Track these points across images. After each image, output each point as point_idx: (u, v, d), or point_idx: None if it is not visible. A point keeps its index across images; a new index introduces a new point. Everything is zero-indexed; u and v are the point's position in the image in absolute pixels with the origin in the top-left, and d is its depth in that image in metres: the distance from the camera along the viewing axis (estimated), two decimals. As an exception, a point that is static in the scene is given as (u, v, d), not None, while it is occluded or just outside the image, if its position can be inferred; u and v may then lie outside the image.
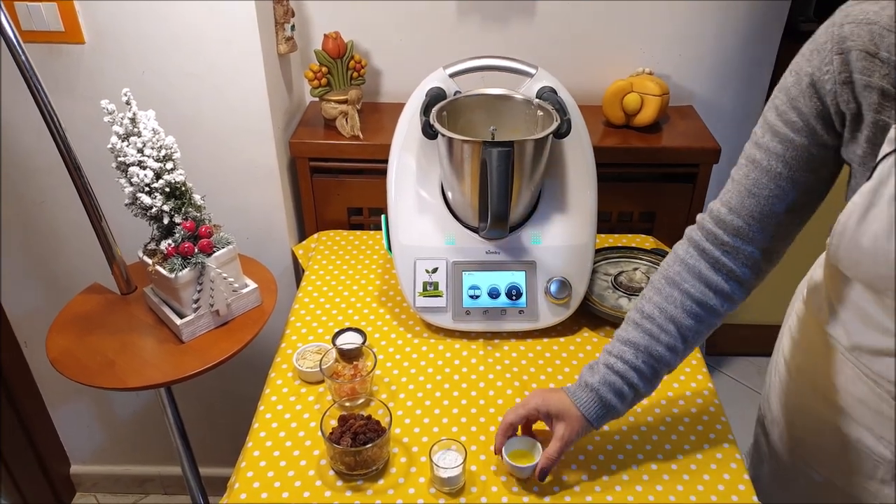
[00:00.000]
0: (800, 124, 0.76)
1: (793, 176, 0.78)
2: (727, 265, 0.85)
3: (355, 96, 1.45)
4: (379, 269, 1.37)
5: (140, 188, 1.08)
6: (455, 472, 0.91)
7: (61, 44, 1.27)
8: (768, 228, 0.82)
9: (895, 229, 0.68)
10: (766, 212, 0.81)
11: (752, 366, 2.34)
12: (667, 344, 0.88)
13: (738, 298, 0.88)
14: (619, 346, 0.90)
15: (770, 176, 0.79)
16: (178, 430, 1.33)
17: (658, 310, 0.88)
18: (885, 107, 0.68)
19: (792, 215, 0.82)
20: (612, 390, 0.89)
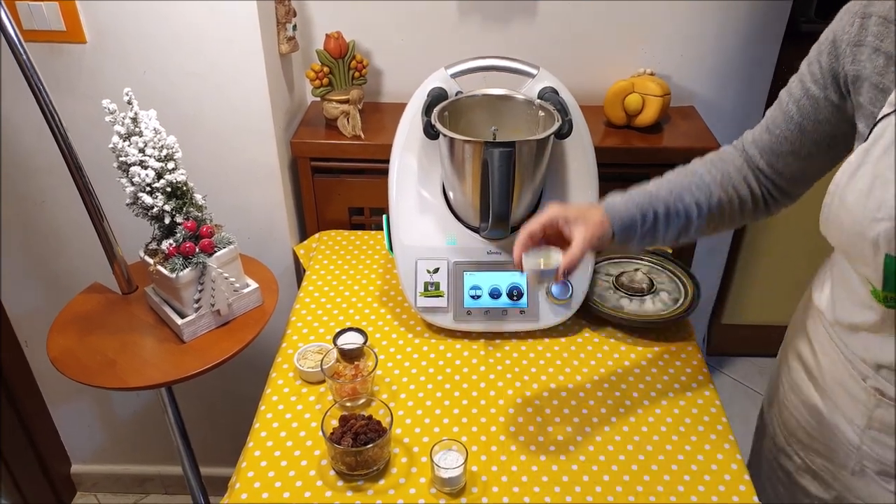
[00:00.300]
0: (818, 76, 0.81)
1: (802, 122, 0.85)
2: (749, 177, 0.93)
3: (357, 96, 1.45)
4: (380, 269, 1.37)
5: (141, 188, 1.08)
6: (456, 473, 0.91)
7: (63, 43, 1.27)
8: (776, 165, 0.90)
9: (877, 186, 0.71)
10: (775, 149, 0.89)
11: (753, 366, 2.34)
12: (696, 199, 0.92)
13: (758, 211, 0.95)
14: (656, 184, 0.95)
15: (784, 117, 0.86)
16: (178, 430, 1.33)
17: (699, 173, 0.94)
18: (889, 71, 0.72)
19: (798, 161, 0.88)
20: (640, 209, 0.91)
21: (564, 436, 1.01)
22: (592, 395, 1.08)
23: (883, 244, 0.72)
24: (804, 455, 1.00)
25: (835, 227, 0.78)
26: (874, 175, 0.72)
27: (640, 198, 0.92)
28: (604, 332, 1.21)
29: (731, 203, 0.93)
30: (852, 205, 0.74)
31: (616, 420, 1.04)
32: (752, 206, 0.94)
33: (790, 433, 1.02)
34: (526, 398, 1.08)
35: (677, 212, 0.92)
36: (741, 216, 0.95)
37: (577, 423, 1.03)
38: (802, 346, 1.00)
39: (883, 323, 0.80)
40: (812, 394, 0.96)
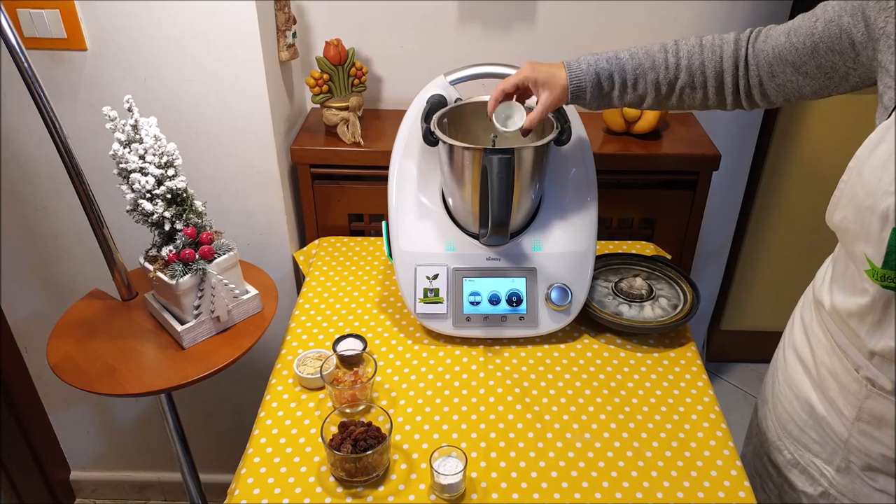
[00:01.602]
0: (856, 9, 0.82)
1: (817, 43, 0.87)
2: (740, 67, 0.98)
3: (356, 103, 1.46)
4: (379, 276, 1.37)
5: (141, 194, 1.09)
6: (455, 479, 0.91)
7: (63, 50, 1.27)
8: (778, 67, 0.94)
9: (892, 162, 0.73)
10: (782, 54, 0.92)
11: (752, 372, 2.34)
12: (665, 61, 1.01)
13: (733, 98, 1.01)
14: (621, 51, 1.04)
15: (808, 31, 0.89)
16: (178, 436, 1.33)
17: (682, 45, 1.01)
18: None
19: (795, 73, 0.92)
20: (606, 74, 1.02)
21: (564, 442, 1.01)
22: (591, 401, 1.08)
23: (892, 217, 0.73)
24: (794, 449, 1.01)
25: (847, 202, 0.80)
26: (891, 150, 0.74)
27: (604, 62, 1.03)
28: (603, 338, 1.21)
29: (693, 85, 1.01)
30: (868, 178, 0.76)
31: (615, 426, 1.04)
32: (715, 97, 1.01)
33: (782, 427, 1.03)
34: (525, 404, 1.08)
35: (640, 75, 1.02)
36: (714, 98, 1.02)
37: (576, 430, 1.03)
38: (799, 338, 1.01)
39: (875, 306, 0.81)
40: (806, 386, 0.97)
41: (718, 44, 0.99)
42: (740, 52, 0.98)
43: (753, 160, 1.79)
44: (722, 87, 1.00)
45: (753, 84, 0.98)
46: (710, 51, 0.99)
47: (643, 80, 1.02)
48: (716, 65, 0.99)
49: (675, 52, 1.01)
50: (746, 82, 0.99)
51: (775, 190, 1.95)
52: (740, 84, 0.99)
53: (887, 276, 0.77)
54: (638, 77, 1.02)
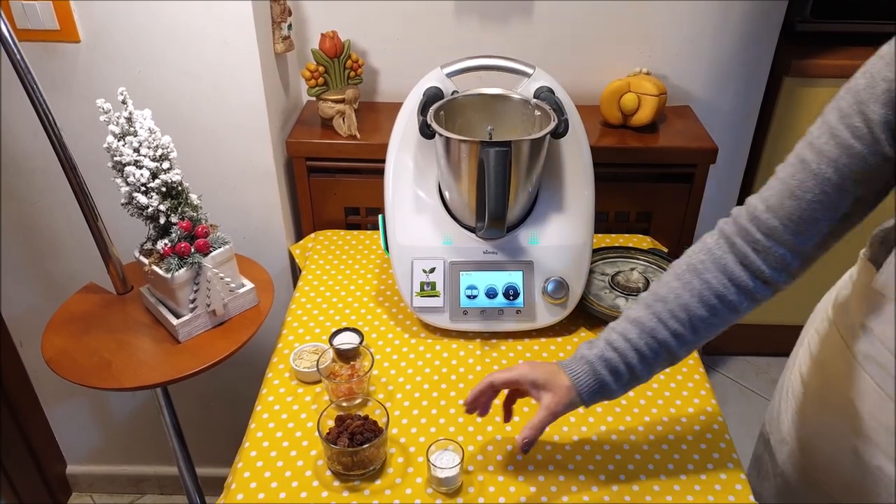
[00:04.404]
0: (863, 130, 0.70)
1: (842, 183, 0.72)
2: (755, 263, 0.80)
3: (352, 96, 1.45)
4: (376, 269, 1.37)
5: (136, 188, 1.08)
6: (452, 473, 0.91)
7: (57, 42, 1.26)
8: (804, 234, 0.77)
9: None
10: (805, 216, 0.76)
11: (749, 365, 2.35)
12: (674, 330, 0.83)
13: (761, 298, 0.82)
14: (624, 324, 0.86)
15: (818, 180, 0.73)
16: (174, 431, 1.33)
17: (673, 295, 0.83)
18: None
19: (832, 225, 0.76)
20: (608, 367, 0.85)
21: (560, 436, 1.01)
22: (588, 394, 1.08)
23: None
24: (838, 496, 0.94)
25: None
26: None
27: (609, 352, 0.85)
28: (600, 331, 1.20)
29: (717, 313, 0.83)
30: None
31: (612, 420, 1.04)
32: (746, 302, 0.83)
33: (820, 472, 0.96)
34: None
35: (657, 357, 0.84)
36: (740, 313, 0.84)
37: (572, 423, 1.03)
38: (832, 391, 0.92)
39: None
40: (849, 437, 0.89)
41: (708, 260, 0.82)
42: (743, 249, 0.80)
43: (750, 153, 1.79)
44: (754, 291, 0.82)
45: (788, 263, 0.80)
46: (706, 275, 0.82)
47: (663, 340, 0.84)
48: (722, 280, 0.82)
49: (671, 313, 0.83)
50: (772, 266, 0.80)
51: (772, 183, 1.95)
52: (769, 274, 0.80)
53: None
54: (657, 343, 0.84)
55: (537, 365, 0.90)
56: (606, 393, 0.87)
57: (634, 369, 0.85)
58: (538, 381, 0.87)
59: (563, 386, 0.86)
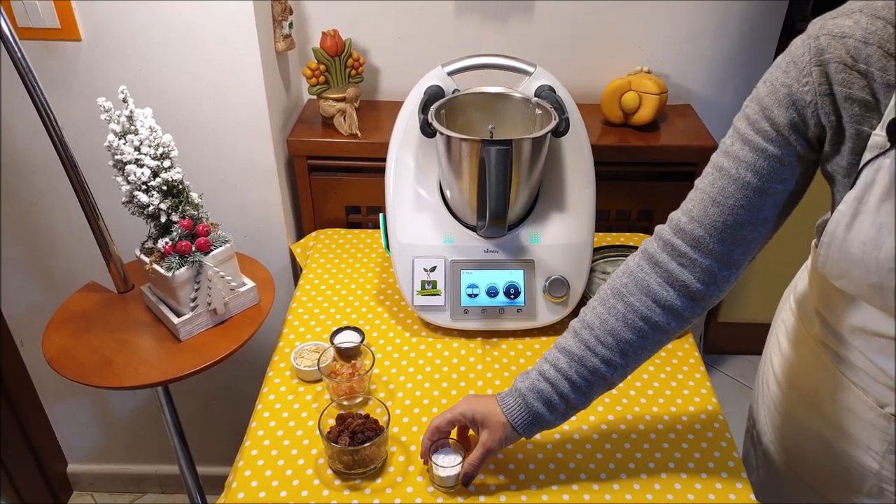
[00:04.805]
0: (773, 134, 0.74)
1: (762, 186, 0.76)
2: (680, 279, 0.81)
3: (353, 94, 1.45)
4: (377, 268, 1.37)
5: (137, 186, 1.08)
6: (454, 472, 0.91)
7: (58, 41, 1.26)
8: (730, 240, 0.79)
9: (883, 235, 0.68)
10: (729, 222, 0.78)
11: (749, 364, 2.35)
12: (603, 357, 0.84)
13: (688, 315, 0.83)
14: (555, 354, 0.87)
15: (738, 185, 0.76)
16: (175, 429, 1.33)
17: (599, 321, 0.84)
18: (867, 117, 0.69)
19: (756, 228, 0.79)
20: (541, 398, 0.86)
21: (561, 434, 1.01)
22: (589, 393, 1.08)
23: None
24: (812, 482, 0.96)
25: (840, 275, 0.75)
26: (878, 224, 0.68)
27: (541, 383, 0.86)
28: (601, 330, 1.21)
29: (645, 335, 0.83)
30: (859, 256, 0.70)
31: (613, 418, 1.04)
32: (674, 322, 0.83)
33: (795, 461, 0.99)
34: (523, 396, 1.07)
35: (591, 385, 0.86)
36: (669, 333, 0.85)
37: (573, 422, 1.03)
38: (798, 377, 0.96)
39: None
40: (815, 423, 0.92)
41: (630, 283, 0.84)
42: (668, 266, 0.82)
43: (751, 152, 1.79)
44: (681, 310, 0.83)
45: (716, 273, 0.81)
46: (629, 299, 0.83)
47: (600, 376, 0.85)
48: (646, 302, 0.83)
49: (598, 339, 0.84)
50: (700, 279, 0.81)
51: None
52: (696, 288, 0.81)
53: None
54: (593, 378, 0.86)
55: (477, 400, 0.92)
56: (542, 424, 0.89)
57: (568, 399, 0.86)
58: (476, 419, 0.90)
59: (499, 422, 0.88)
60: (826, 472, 0.93)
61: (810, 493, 0.97)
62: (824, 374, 0.90)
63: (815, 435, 0.93)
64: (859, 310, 0.81)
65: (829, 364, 0.89)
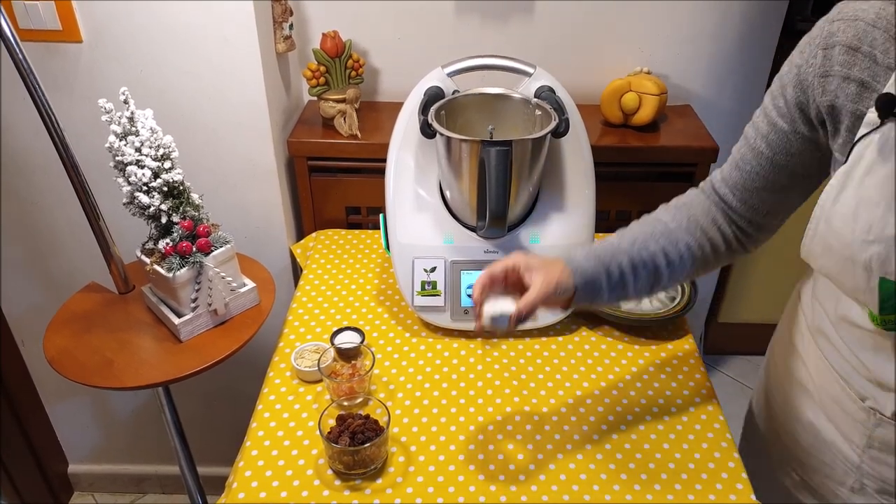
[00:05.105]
0: (784, 110, 0.79)
1: (773, 157, 0.82)
2: (719, 219, 0.89)
3: (353, 95, 1.45)
4: (377, 269, 1.37)
5: (138, 187, 1.08)
6: (507, 310, 0.83)
7: (59, 42, 1.27)
8: (749, 201, 0.87)
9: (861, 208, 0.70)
10: (748, 186, 0.86)
11: (749, 364, 2.35)
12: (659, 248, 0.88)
13: (722, 251, 0.91)
14: (610, 239, 0.90)
15: (754, 153, 0.84)
16: (175, 430, 1.33)
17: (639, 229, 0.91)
18: (864, 97, 0.71)
19: (773, 195, 0.85)
20: (602, 263, 0.87)
21: (562, 434, 1.02)
22: (589, 393, 1.08)
23: (876, 267, 0.70)
24: (802, 472, 0.98)
25: (822, 251, 0.77)
26: (858, 197, 0.70)
27: (602, 252, 0.88)
28: (601, 330, 1.21)
29: (701, 248, 0.89)
30: (840, 228, 0.72)
31: (613, 419, 1.04)
32: (724, 248, 0.90)
33: (787, 449, 1.00)
34: (523, 397, 1.08)
35: (643, 262, 0.87)
36: (715, 259, 0.91)
37: (574, 422, 1.04)
38: (796, 363, 0.97)
39: (877, 341, 0.79)
40: (808, 410, 0.94)
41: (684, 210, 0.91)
42: (715, 213, 0.90)
43: (751, 152, 1.79)
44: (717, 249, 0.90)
45: (741, 230, 0.90)
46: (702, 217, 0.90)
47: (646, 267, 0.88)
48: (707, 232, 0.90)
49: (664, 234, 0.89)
50: (732, 235, 0.90)
51: (773, 182, 1.95)
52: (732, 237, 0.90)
53: (886, 320, 0.74)
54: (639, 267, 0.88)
55: (531, 253, 0.91)
56: (597, 287, 0.87)
57: (624, 272, 0.87)
58: (532, 265, 0.86)
59: (558, 268, 0.85)
60: (814, 461, 0.95)
61: (796, 485, 0.99)
62: (816, 363, 0.92)
63: (806, 423, 0.95)
64: (844, 298, 0.83)
65: (819, 354, 0.91)
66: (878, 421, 0.83)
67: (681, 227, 0.89)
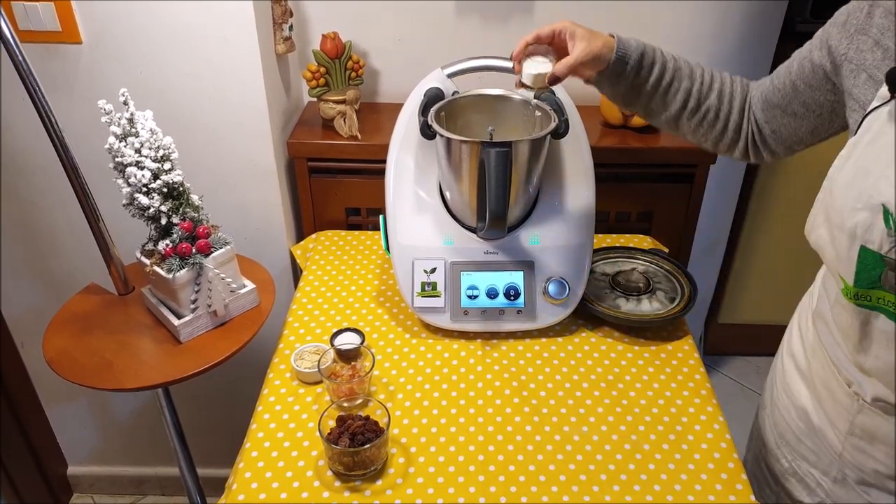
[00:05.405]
0: (824, 45, 0.83)
1: (795, 81, 0.89)
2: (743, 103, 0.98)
3: (353, 96, 1.45)
4: (377, 270, 1.37)
5: (138, 188, 1.08)
6: (544, 69, 0.94)
7: (58, 44, 1.27)
8: (766, 113, 0.95)
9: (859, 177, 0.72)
10: (769, 98, 0.94)
11: (749, 365, 2.35)
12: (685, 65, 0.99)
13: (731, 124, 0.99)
14: None
15: (786, 71, 0.91)
16: (175, 431, 1.33)
17: None
18: (884, 64, 0.73)
19: (786, 117, 0.92)
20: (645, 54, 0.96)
21: (562, 435, 1.02)
22: (589, 394, 1.08)
23: (860, 234, 0.72)
24: (791, 459, 1.00)
25: (821, 221, 0.79)
26: (857, 167, 0.73)
27: (650, 49, 0.97)
28: (601, 331, 1.21)
29: (718, 112, 0.98)
30: (837, 196, 0.75)
31: (613, 419, 1.04)
32: (732, 134, 0.99)
33: (780, 435, 1.03)
34: (523, 398, 1.08)
35: (680, 69, 0.98)
36: (721, 134, 1.00)
37: (574, 423, 1.03)
38: (797, 347, 1.00)
39: (853, 323, 0.80)
40: (803, 396, 0.97)
41: (739, 86, 0.99)
42: (745, 102, 0.98)
43: (751, 153, 1.79)
44: (740, 127, 0.99)
45: (754, 131, 0.98)
46: (739, 86, 0.99)
47: (678, 83, 0.98)
48: (741, 102, 0.98)
49: (710, 73, 0.99)
50: (748, 130, 0.99)
51: (772, 183, 1.96)
52: (752, 130, 0.99)
53: (860, 294, 0.75)
54: (675, 79, 0.98)
55: (578, 24, 0.97)
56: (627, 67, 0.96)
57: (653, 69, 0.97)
58: (578, 33, 0.94)
59: (603, 38, 0.95)
60: (803, 448, 0.97)
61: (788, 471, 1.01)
62: (813, 347, 0.94)
63: (800, 409, 0.97)
64: None
65: (817, 338, 0.93)
66: (860, 407, 0.85)
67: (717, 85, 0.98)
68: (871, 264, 0.72)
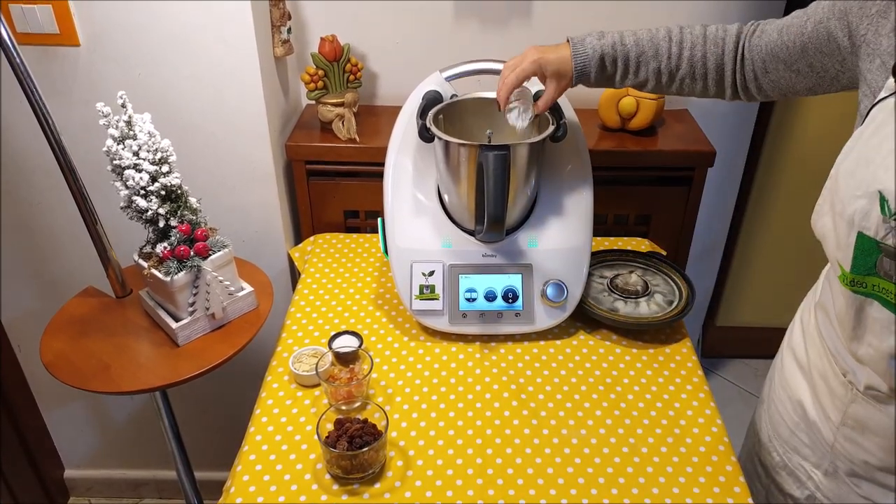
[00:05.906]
0: (842, 15, 0.82)
1: (806, 43, 0.88)
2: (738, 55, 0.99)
3: (351, 99, 1.45)
4: (375, 273, 1.37)
5: (135, 191, 1.08)
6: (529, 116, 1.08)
7: (56, 46, 1.27)
8: (767, 64, 0.95)
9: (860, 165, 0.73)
10: (774, 51, 0.93)
11: (747, 368, 2.35)
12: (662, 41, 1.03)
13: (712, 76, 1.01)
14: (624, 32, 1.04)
15: (798, 30, 0.89)
16: (173, 434, 1.33)
17: None
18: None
19: (788, 71, 0.93)
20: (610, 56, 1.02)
21: (560, 438, 1.01)
22: (587, 397, 1.08)
23: (858, 220, 0.73)
24: (783, 451, 1.01)
25: (827, 209, 0.80)
26: (860, 156, 0.74)
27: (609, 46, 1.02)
28: (599, 334, 1.21)
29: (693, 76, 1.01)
30: (841, 185, 0.76)
31: (611, 422, 1.04)
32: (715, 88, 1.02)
33: (774, 428, 1.04)
34: (521, 401, 1.08)
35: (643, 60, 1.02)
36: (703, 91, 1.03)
37: (572, 426, 1.03)
38: (797, 340, 1.01)
39: (849, 311, 0.81)
40: (800, 389, 0.97)
41: (721, 36, 1.00)
42: (738, 47, 0.98)
43: (749, 156, 1.80)
44: (722, 80, 1.01)
45: (749, 78, 0.99)
46: (712, 43, 1.00)
47: (645, 67, 1.02)
48: (717, 58, 0.99)
49: (678, 42, 1.01)
50: (743, 76, 0.99)
51: (770, 186, 1.96)
52: (737, 78, 1.00)
53: (856, 280, 0.76)
54: (640, 64, 1.02)
55: (545, 49, 1.04)
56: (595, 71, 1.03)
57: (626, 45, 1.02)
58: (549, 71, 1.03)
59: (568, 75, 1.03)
60: (796, 440, 0.98)
61: (779, 465, 1.02)
62: (813, 338, 0.95)
63: (797, 402, 0.98)
64: None
65: (817, 329, 0.94)
66: (853, 396, 0.86)
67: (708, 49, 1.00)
68: (867, 250, 0.73)
